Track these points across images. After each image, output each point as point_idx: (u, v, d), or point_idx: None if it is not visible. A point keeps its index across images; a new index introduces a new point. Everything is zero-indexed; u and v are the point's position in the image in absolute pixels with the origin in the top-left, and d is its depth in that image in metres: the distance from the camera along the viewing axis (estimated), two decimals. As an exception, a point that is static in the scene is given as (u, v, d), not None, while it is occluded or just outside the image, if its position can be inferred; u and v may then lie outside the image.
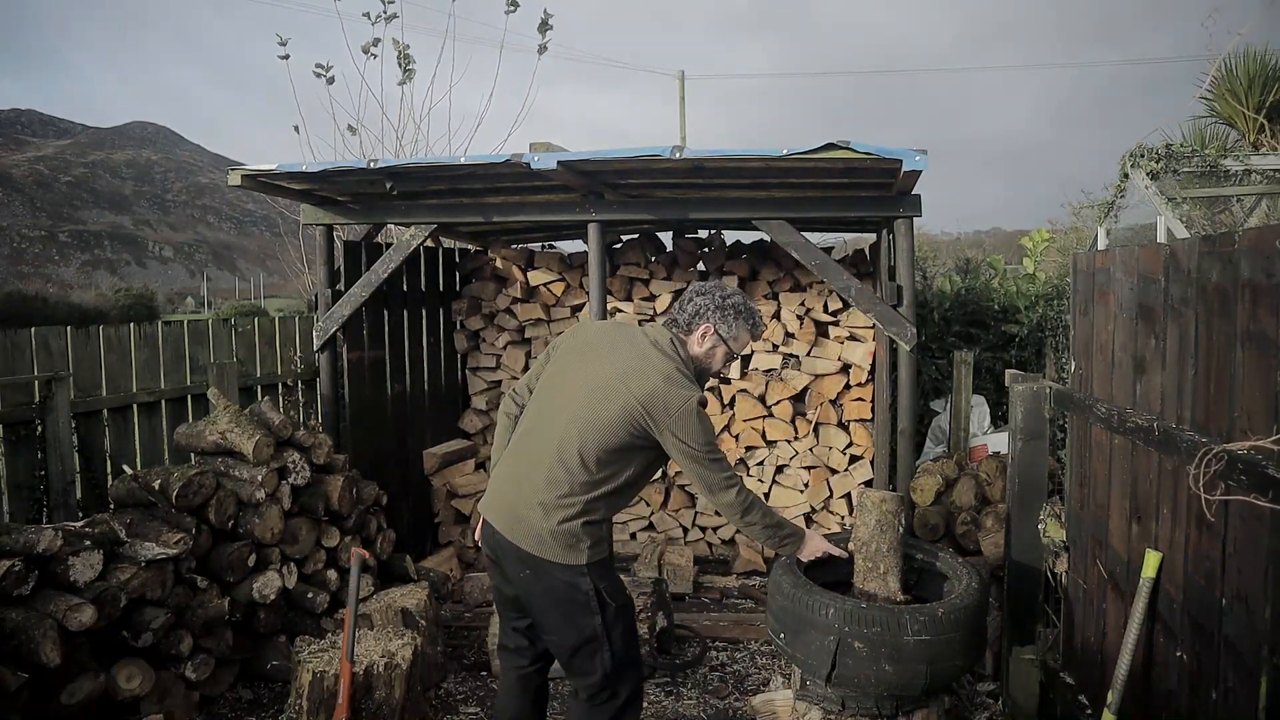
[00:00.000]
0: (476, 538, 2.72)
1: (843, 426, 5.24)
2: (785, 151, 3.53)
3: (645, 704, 3.64)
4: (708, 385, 4.76)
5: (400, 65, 8.49)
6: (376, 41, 8.48)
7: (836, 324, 5.28)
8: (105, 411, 4.21)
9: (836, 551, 2.89)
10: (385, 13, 8.50)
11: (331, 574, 4.05)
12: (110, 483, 3.96)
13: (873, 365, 5.07)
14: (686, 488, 5.46)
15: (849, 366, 5.19)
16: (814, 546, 2.87)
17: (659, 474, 5.40)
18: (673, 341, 2.61)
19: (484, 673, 3.95)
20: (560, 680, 3.85)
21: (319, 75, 8.51)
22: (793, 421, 5.27)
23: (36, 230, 52.22)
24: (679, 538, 5.45)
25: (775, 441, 5.30)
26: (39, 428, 3.86)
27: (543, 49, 9.10)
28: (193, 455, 3.94)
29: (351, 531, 4.20)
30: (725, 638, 4.29)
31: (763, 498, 5.33)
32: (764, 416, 5.29)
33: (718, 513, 5.41)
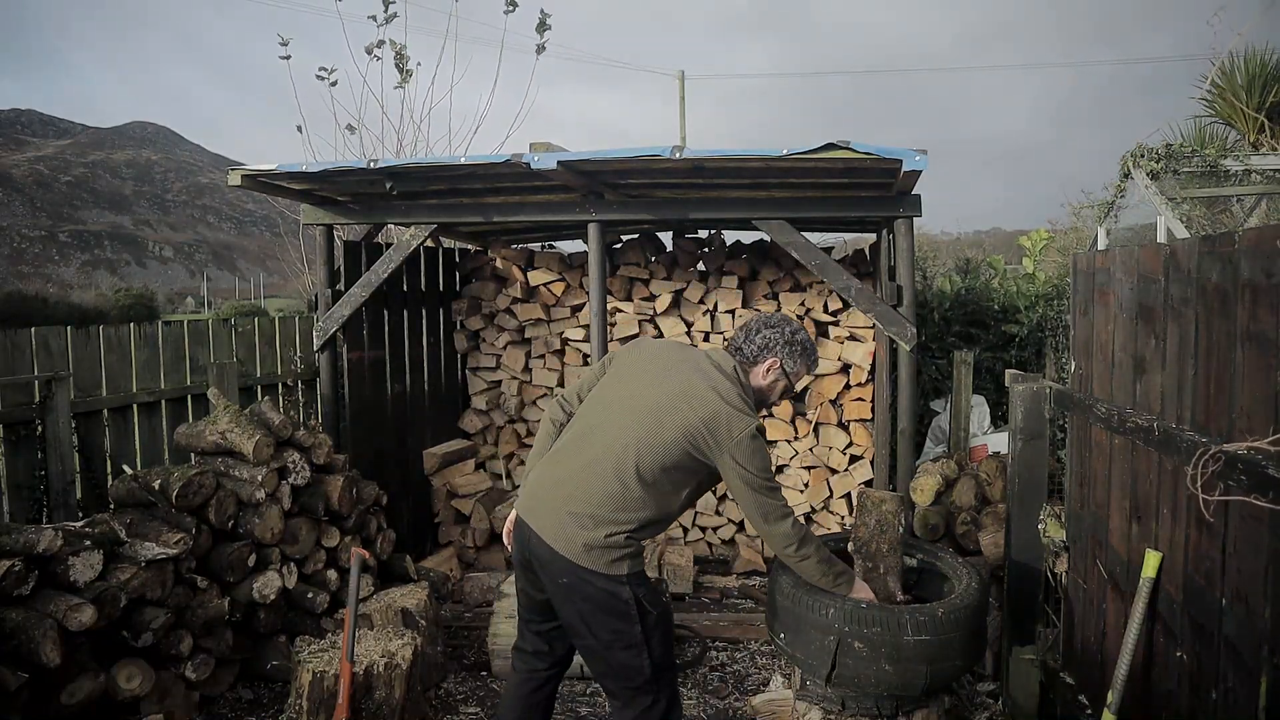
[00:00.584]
0: (506, 541, 2.70)
1: (843, 426, 5.24)
2: (785, 151, 3.53)
3: (645, 704, 3.65)
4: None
5: (398, 67, 8.49)
6: (381, 44, 8.49)
7: (836, 324, 5.28)
8: (105, 411, 4.21)
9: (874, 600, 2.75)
10: (386, 14, 8.51)
11: (331, 574, 4.05)
12: (110, 483, 3.95)
13: (873, 365, 5.07)
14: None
15: (849, 366, 5.19)
16: (861, 593, 2.73)
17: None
18: (736, 368, 2.60)
19: (484, 673, 3.95)
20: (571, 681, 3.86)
21: (321, 78, 8.51)
22: (792, 421, 5.27)
23: (36, 230, 52.21)
24: (679, 538, 5.45)
25: (775, 441, 5.30)
26: (39, 428, 3.86)
27: (541, 49, 9.11)
28: (193, 455, 3.94)
29: (351, 531, 4.20)
30: (725, 638, 4.29)
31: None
32: (764, 416, 5.29)
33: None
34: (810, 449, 5.27)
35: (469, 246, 6.28)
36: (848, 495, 5.24)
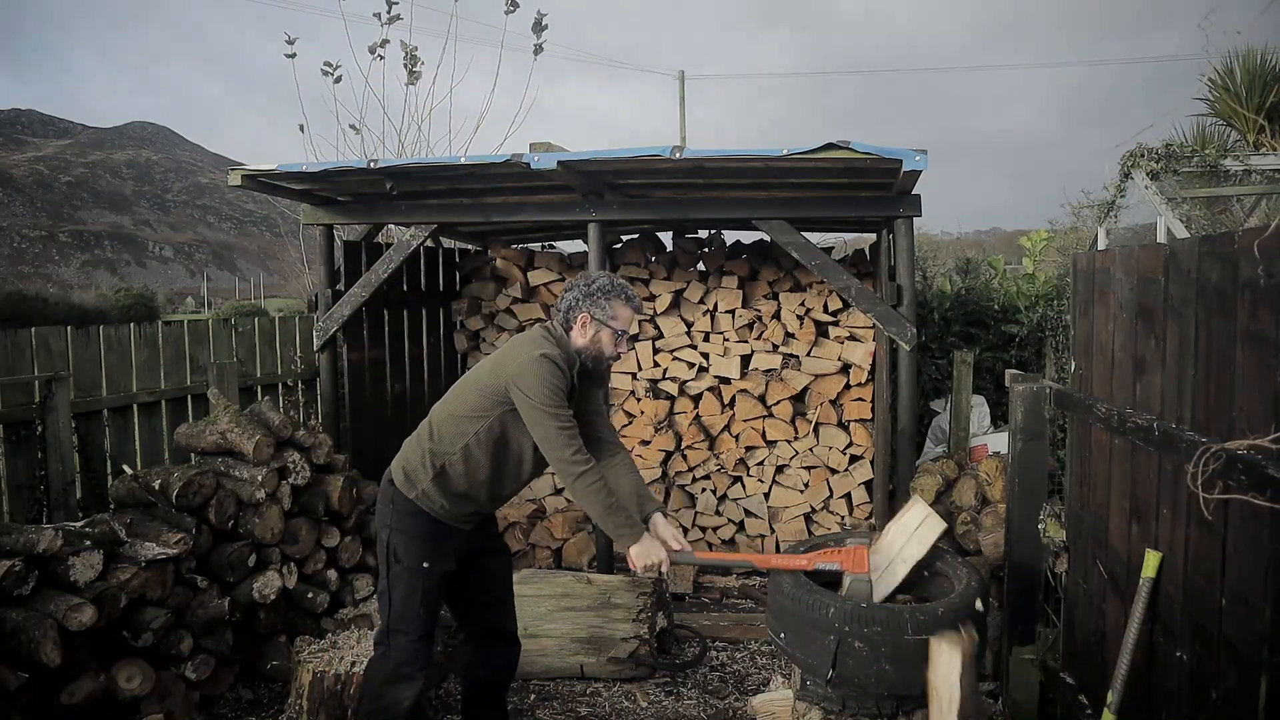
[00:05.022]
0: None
1: (843, 426, 5.24)
2: (785, 151, 3.53)
3: (645, 704, 3.65)
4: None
5: (406, 68, 8.51)
6: (385, 43, 8.51)
7: (836, 324, 5.28)
8: (105, 411, 4.20)
9: (664, 567, 2.69)
10: (389, 14, 8.53)
11: (331, 574, 4.04)
12: (110, 483, 3.96)
13: (873, 365, 5.07)
14: (686, 488, 5.46)
15: (849, 366, 5.19)
16: (649, 551, 2.65)
17: (660, 474, 5.40)
18: (551, 333, 2.75)
19: (484, 673, 3.95)
20: (571, 681, 3.86)
21: (326, 74, 8.53)
22: (793, 421, 5.27)
23: (36, 230, 52.18)
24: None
25: (775, 441, 5.30)
26: (39, 428, 3.86)
27: (538, 49, 9.11)
28: (193, 455, 3.94)
29: (351, 531, 4.19)
30: (725, 638, 4.29)
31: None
32: (764, 416, 5.29)
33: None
34: (810, 449, 5.27)
35: (469, 246, 6.28)
36: (848, 495, 5.24)
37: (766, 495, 5.35)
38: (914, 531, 2.79)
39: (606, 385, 3.11)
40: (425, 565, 2.71)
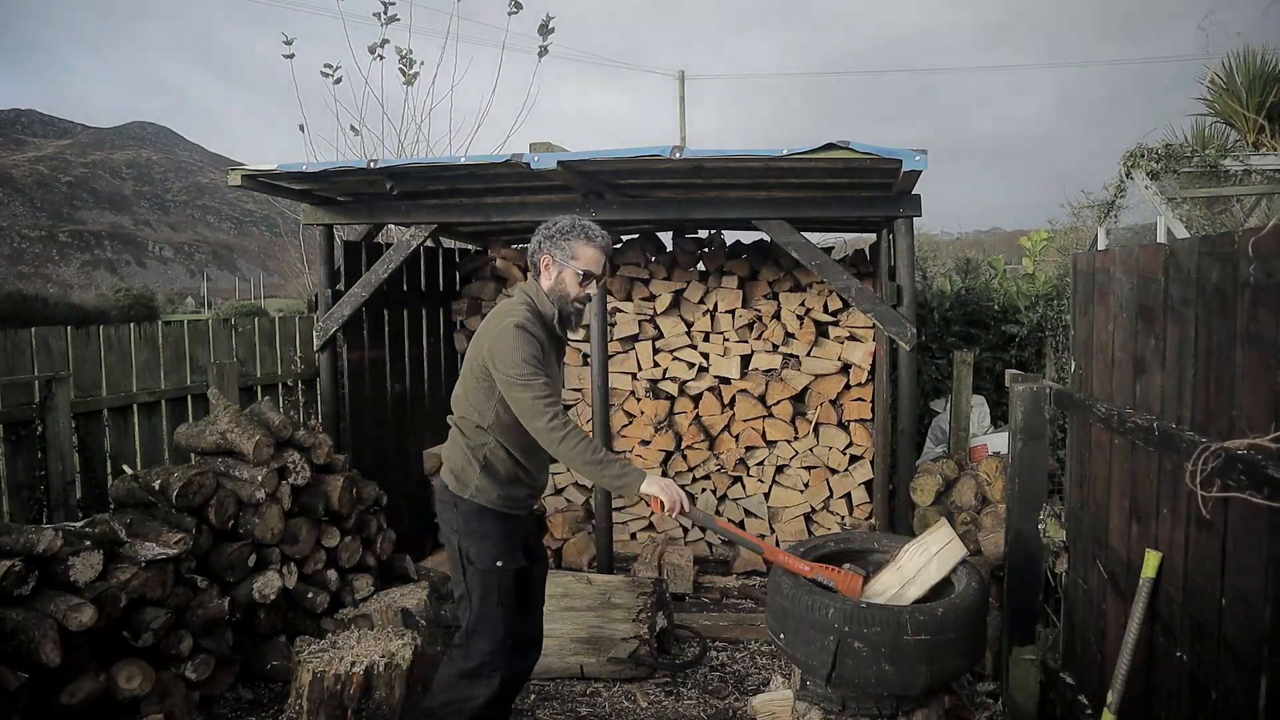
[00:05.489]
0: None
1: (843, 426, 5.24)
2: (785, 151, 3.53)
3: (645, 704, 3.65)
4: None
5: (402, 71, 8.50)
6: (384, 43, 8.50)
7: (836, 324, 5.28)
8: (105, 411, 4.20)
9: (685, 501, 2.64)
10: (386, 14, 8.53)
11: (331, 574, 4.05)
12: (110, 483, 3.96)
13: (873, 365, 5.07)
14: (686, 488, 5.46)
15: (849, 366, 5.19)
16: (667, 487, 2.62)
17: (660, 474, 5.40)
18: (525, 289, 2.79)
19: (484, 673, 3.95)
20: (571, 681, 3.86)
21: (326, 75, 8.52)
22: (793, 421, 5.27)
23: (36, 230, 52.19)
24: (679, 538, 5.45)
25: (775, 441, 5.30)
26: (39, 428, 3.86)
27: (543, 51, 9.11)
28: (193, 455, 3.94)
29: (351, 531, 4.20)
30: (725, 638, 4.29)
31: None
32: (764, 416, 5.29)
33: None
34: (810, 449, 5.27)
35: (469, 246, 6.28)
36: (848, 495, 5.24)
37: (766, 495, 5.35)
38: (935, 554, 2.79)
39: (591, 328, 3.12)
40: (499, 564, 2.75)
